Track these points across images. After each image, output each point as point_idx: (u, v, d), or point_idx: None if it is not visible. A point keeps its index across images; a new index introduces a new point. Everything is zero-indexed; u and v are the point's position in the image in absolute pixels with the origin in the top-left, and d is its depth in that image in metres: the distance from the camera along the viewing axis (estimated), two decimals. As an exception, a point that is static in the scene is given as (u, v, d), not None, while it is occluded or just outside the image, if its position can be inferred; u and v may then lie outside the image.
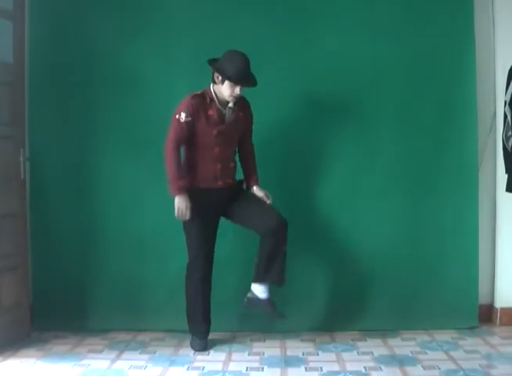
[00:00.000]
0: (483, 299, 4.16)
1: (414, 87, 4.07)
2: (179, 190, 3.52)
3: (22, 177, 3.81)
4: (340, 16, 4.06)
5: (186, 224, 3.63)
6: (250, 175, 3.77)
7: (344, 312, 4.01)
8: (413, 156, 4.10)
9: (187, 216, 3.53)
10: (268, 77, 3.67)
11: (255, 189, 3.73)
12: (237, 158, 3.78)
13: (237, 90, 3.48)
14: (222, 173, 3.62)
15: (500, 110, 4.04)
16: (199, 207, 3.57)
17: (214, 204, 3.64)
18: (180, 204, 3.52)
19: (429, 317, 4.05)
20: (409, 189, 4.10)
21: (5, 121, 3.72)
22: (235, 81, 3.46)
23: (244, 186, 3.78)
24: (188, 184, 3.55)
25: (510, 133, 3.88)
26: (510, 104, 3.86)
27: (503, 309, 4.13)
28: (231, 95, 3.50)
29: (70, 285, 4.09)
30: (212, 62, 3.53)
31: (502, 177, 4.00)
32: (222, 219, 3.75)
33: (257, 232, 3.62)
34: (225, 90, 3.50)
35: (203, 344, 3.72)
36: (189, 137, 3.55)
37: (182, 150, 3.63)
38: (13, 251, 3.76)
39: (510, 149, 3.88)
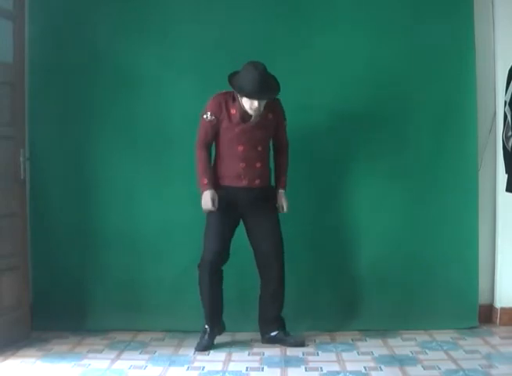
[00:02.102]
0: (483, 299, 4.16)
1: (414, 87, 4.07)
2: (204, 187, 3.60)
3: (22, 177, 3.81)
4: (339, 18, 4.06)
5: (207, 219, 3.69)
6: (278, 178, 3.77)
7: (344, 312, 4.01)
8: (413, 156, 4.10)
9: (212, 209, 3.57)
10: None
11: (279, 194, 3.72)
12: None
13: (255, 104, 3.50)
14: (247, 172, 3.62)
15: (500, 110, 4.04)
16: (220, 204, 3.62)
17: (237, 204, 3.65)
18: (205, 199, 3.59)
19: (429, 317, 4.05)
20: (409, 189, 4.11)
21: (5, 121, 3.71)
22: (250, 97, 3.49)
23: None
24: (213, 180, 3.64)
25: (510, 133, 3.87)
26: (510, 104, 3.86)
27: (503, 309, 4.13)
28: (250, 109, 3.53)
29: (70, 285, 4.09)
30: (231, 76, 3.55)
31: (502, 177, 4.00)
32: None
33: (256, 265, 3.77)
34: (245, 103, 3.54)
35: (203, 343, 3.71)
36: (213, 136, 3.64)
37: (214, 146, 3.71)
38: (13, 251, 3.75)
39: (510, 149, 3.87)
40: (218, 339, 3.82)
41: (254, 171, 3.64)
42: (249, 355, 3.64)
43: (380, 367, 3.40)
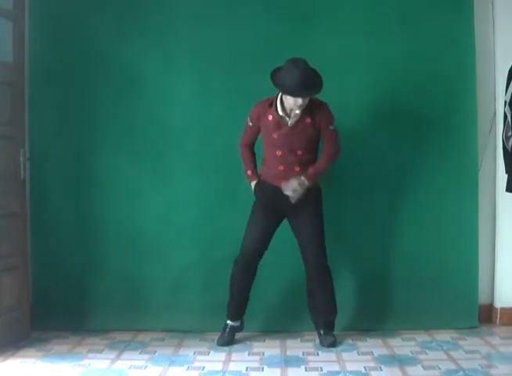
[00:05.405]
0: (483, 299, 4.16)
1: (415, 88, 4.07)
2: (249, 178, 3.78)
3: (22, 177, 3.81)
4: (340, 20, 4.07)
5: (251, 213, 3.76)
6: (309, 168, 3.67)
7: (344, 312, 4.00)
8: (414, 156, 4.10)
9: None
10: (267, 79, 3.63)
11: (297, 179, 3.60)
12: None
13: (299, 101, 3.50)
14: (285, 174, 3.65)
15: (500, 110, 4.04)
16: (265, 201, 3.70)
17: (279, 203, 3.67)
18: (255, 191, 3.75)
19: (429, 317, 4.05)
20: (409, 189, 4.11)
21: (5, 121, 3.71)
22: (293, 95, 3.48)
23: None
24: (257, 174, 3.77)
25: (510, 133, 3.88)
26: (510, 104, 3.86)
27: (503, 309, 4.13)
28: (295, 105, 3.53)
29: (70, 285, 4.09)
30: (274, 73, 3.53)
31: (502, 177, 4.00)
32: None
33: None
34: (289, 100, 3.53)
35: (223, 338, 3.77)
36: (254, 139, 3.75)
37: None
38: (13, 251, 3.75)
39: (510, 149, 3.88)
40: (218, 339, 3.83)
41: (292, 173, 3.65)
42: (249, 355, 3.64)
43: (380, 367, 3.40)
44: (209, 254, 4.07)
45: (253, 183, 3.77)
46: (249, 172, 3.78)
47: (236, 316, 3.82)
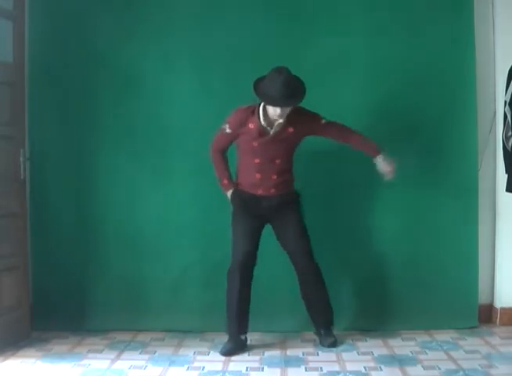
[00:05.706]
0: (483, 299, 4.16)
1: (415, 88, 4.06)
2: (225, 187, 3.73)
3: (22, 177, 3.81)
4: (340, 20, 4.06)
5: (232, 222, 3.71)
6: (366, 148, 3.70)
7: (344, 312, 4.00)
8: (413, 156, 4.09)
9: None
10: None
11: (376, 161, 3.65)
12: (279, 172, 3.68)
13: (278, 110, 3.44)
14: (262, 182, 3.64)
15: (500, 110, 4.04)
16: (244, 207, 3.67)
17: (258, 209, 3.66)
18: (230, 198, 3.72)
19: (429, 317, 4.05)
20: (409, 190, 4.10)
21: (5, 121, 3.71)
22: (273, 104, 3.44)
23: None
24: (234, 182, 3.72)
25: (510, 133, 3.88)
26: (510, 104, 3.86)
27: (503, 309, 4.13)
28: (275, 115, 3.49)
29: (70, 285, 4.09)
30: (256, 82, 3.49)
31: (502, 177, 4.00)
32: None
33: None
34: (270, 109, 3.49)
35: (226, 347, 3.65)
36: (228, 146, 3.67)
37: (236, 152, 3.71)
38: (13, 251, 3.76)
39: (510, 149, 3.88)
40: (219, 339, 3.81)
41: (269, 182, 3.64)
42: (249, 355, 3.64)
43: (380, 367, 3.40)
44: (209, 254, 4.07)
45: (229, 193, 3.73)
46: (225, 181, 3.72)
47: (241, 329, 3.70)
